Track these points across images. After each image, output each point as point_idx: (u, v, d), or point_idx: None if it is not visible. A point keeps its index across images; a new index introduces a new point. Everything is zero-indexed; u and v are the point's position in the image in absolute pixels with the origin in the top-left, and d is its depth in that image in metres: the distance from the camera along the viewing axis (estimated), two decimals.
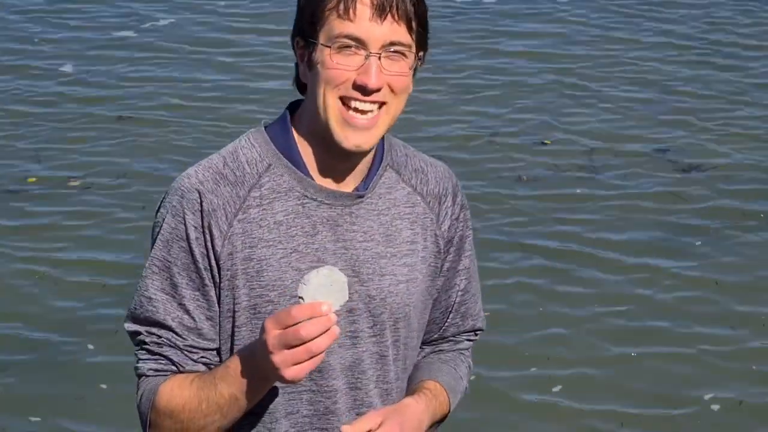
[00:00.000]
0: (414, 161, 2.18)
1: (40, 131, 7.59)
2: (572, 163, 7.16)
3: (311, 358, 1.83)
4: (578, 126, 7.66)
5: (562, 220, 6.31)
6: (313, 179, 2.06)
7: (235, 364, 1.98)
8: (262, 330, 1.86)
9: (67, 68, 8.43)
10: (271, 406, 2.10)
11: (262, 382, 1.97)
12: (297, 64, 2.04)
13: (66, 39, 8.98)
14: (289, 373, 1.84)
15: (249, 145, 2.07)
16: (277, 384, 2.01)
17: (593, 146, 7.31)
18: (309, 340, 1.81)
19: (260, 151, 2.06)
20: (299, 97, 2.10)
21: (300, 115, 2.06)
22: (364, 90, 1.94)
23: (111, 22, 9.51)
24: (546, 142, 7.39)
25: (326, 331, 1.82)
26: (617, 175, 6.99)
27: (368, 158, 2.06)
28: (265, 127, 2.10)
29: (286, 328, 1.82)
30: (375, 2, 1.92)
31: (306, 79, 2.00)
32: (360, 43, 1.91)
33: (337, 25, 1.92)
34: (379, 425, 1.99)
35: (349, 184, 2.07)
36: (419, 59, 1.97)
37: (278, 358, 1.83)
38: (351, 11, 1.91)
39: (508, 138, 7.30)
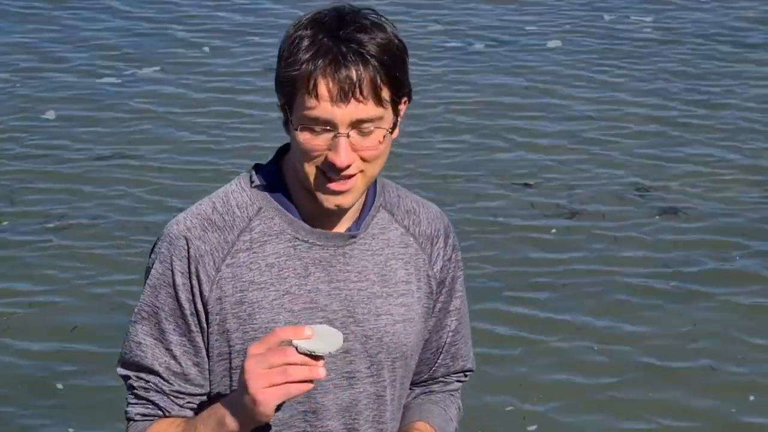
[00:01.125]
0: (406, 202, 2.20)
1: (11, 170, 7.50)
2: (552, 203, 7.15)
3: (286, 383, 1.83)
4: (559, 166, 7.68)
5: (540, 261, 6.33)
6: (304, 221, 2.08)
7: (217, 408, 2.00)
8: (246, 355, 1.90)
9: (50, 114, 8.39)
10: None
11: (242, 423, 1.97)
12: (284, 119, 2.08)
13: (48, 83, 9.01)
14: (260, 395, 1.84)
15: (239, 189, 2.09)
16: (272, 423, 2.02)
17: (574, 186, 7.27)
18: (289, 363, 1.81)
19: (250, 195, 2.08)
20: (285, 140, 2.11)
21: (290, 159, 2.09)
22: (334, 168, 1.95)
23: (92, 68, 9.54)
24: (529, 183, 7.32)
25: (309, 365, 1.83)
26: (598, 217, 6.98)
27: (361, 199, 2.08)
28: (256, 171, 2.12)
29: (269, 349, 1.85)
30: (335, 91, 1.92)
31: (289, 135, 2.06)
32: (327, 123, 1.92)
33: (303, 107, 1.94)
34: None
35: (341, 225, 2.09)
36: (396, 119, 1.99)
37: (253, 380, 1.83)
38: (314, 98, 1.92)
39: (490, 178, 7.31)
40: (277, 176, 2.10)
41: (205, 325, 2.05)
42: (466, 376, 2.34)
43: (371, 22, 1.96)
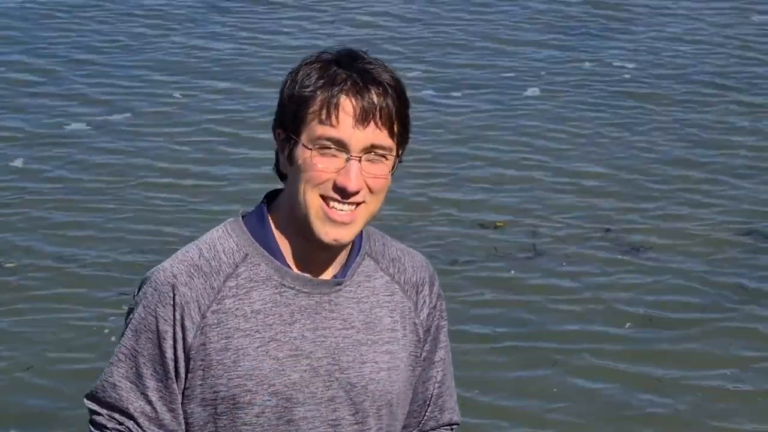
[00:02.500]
0: (391, 250, 2.21)
1: None
2: (516, 243, 7.20)
3: None
4: (523, 206, 7.72)
5: (503, 302, 6.32)
6: (291, 268, 2.09)
7: None
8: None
9: (18, 162, 8.31)
10: None
11: None
12: (277, 153, 2.08)
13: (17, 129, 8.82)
14: None
15: (226, 235, 2.10)
16: None
17: (537, 227, 7.36)
18: None
19: (237, 241, 2.09)
20: (269, 187, 2.18)
21: (278, 205, 2.10)
22: (343, 192, 1.97)
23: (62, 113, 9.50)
24: (499, 224, 7.25)
25: None
26: (561, 257, 7.05)
27: (347, 247, 2.10)
28: (242, 217, 2.14)
29: None
30: (358, 110, 1.94)
31: (286, 170, 2.04)
32: (341, 145, 1.94)
33: (318, 129, 1.95)
34: None
35: (327, 273, 2.10)
36: (399, 158, 2.02)
37: None
38: (333, 117, 1.94)
39: (455, 218, 7.35)
40: (264, 222, 2.11)
41: (183, 372, 2.06)
42: (452, 429, 2.32)
43: (379, 63, 2.03)
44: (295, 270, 2.10)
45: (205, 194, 7.62)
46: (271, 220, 2.13)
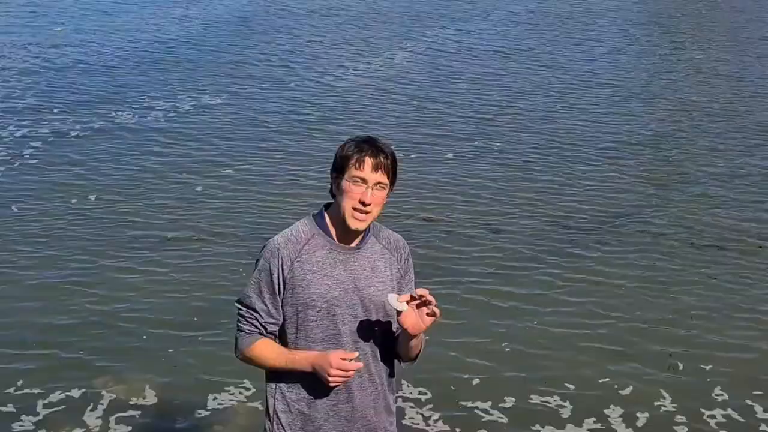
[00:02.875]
0: (384, 233, 3.05)
1: None
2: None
3: (341, 377, 2.84)
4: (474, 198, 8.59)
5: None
6: (335, 241, 2.93)
7: (308, 355, 2.91)
8: (327, 361, 2.83)
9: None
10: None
11: (306, 369, 2.91)
12: (331, 184, 2.94)
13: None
14: (331, 381, 2.85)
15: (304, 224, 2.98)
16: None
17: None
18: (347, 371, 2.82)
19: (309, 228, 2.96)
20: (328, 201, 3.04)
21: (330, 209, 2.96)
22: (363, 204, 2.80)
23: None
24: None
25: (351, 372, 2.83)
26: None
27: (363, 231, 2.93)
28: (313, 215, 2.99)
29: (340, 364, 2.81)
30: (373, 165, 2.81)
31: (335, 193, 2.91)
32: (364, 181, 2.79)
33: (354, 171, 2.81)
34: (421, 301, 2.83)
35: (353, 243, 2.94)
36: (391, 189, 2.90)
37: (333, 373, 2.82)
38: (362, 167, 2.81)
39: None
40: (323, 218, 2.96)
41: (282, 290, 2.90)
42: None
43: (384, 143, 2.92)
44: (337, 242, 2.89)
45: (301, 199, 8.50)
46: (326, 217, 2.93)
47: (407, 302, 2.81)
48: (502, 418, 5.38)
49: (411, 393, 5.49)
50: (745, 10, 20.17)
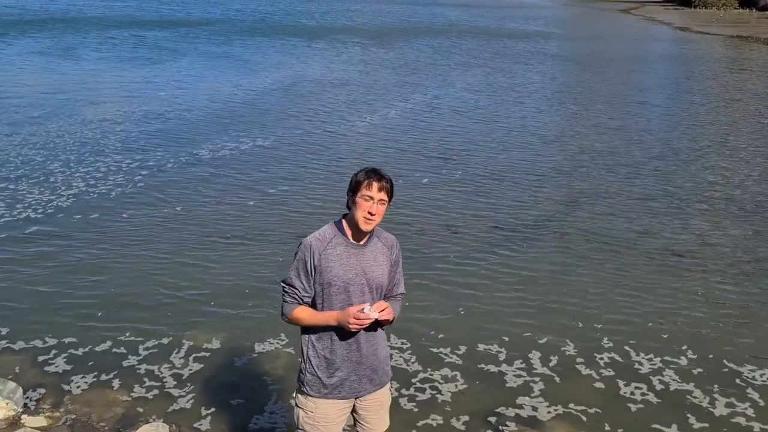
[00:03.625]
0: (383, 234, 3.04)
1: None
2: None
3: (360, 323, 2.84)
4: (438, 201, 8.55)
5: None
6: (350, 239, 2.93)
7: (330, 313, 2.91)
8: (348, 314, 2.81)
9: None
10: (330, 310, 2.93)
11: (332, 323, 2.91)
12: (348, 201, 2.95)
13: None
14: (351, 327, 2.84)
15: (329, 228, 2.97)
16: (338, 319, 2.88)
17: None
18: (362, 321, 2.83)
19: (332, 231, 2.96)
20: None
21: (347, 217, 2.97)
22: (370, 214, 2.84)
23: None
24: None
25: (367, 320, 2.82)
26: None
27: (369, 233, 2.93)
28: (335, 222, 2.98)
29: (357, 315, 2.82)
30: (378, 187, 2.83)
31: (350, 206, 2.92)
32: (371, 198, 2.82)
33: (364, 191, 2.84)
34: (384, 307, 2.88)
35: (362, 241, 2.95)
36: (390, 203, 2.89)
37: (352, 322, 2.82)
38: (370, 188, 2.84)
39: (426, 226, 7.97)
40: (341, 224, 2.96)
41: (313, 273, 2.91)
42: (401, 294, 3.10)
43: (385, 172, 2.93)
44: (352, 240, 2.91)
45: (323, 211, 8.38)
46: (344, 223, 2.95)
47: (379, 311, 2.85)
48: (457, 360, 5.37)
49: (395, 344, 5.45)
50: (628, 83, 20.51)
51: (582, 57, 26.15)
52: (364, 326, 2.80)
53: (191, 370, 5.05)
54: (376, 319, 2.81)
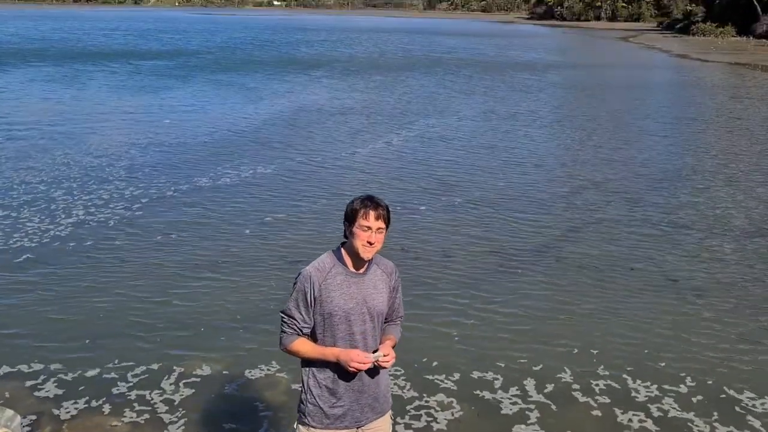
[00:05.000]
0: (383, 261, 2.91)
1: None
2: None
3: (360, 367, 2.74)
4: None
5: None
6: (349, 268, 2.80)
7: (333, 350, 2.79)
8: (349, 356, 2.71)
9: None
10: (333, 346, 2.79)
11: (332, 360, 2.79)
12: (345, 229, 2.82)
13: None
14: (351, 370, 2.75)
15: (327, 257, 2.84)
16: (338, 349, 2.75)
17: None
18: (364, 364, 2.74)
19: (331, 260, 2.83)
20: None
21: (345, 245, 2.84)
22: (369, 244, 2.73)
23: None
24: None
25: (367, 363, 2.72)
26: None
27: (368, 261, 2.81)
28: (333, 250, 2.84)
29: (359, 358, 2.72)
30: (375, 216, 2.71)
31: (349, 236, 2.79)
32: (369, 228, 2.70)
33: (362, 221, 2.71)
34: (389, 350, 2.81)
35: (362, 270, 2.84)
36: (387, 230, 2.78)
37: (353, 366, 2.72)
38: (367, 218, 2.71)
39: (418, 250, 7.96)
40: (340, 252, 2.83)
41: (313, 304, 2.78)
42: (401, 318, 3.02)
43: (381, 200, 2.81)
44: (351, 269, 2.78)
45: (323, 238, 8.37)
46: (342, 251, 2.82)
47: (383, 353, 2.82)
48: (452, 387, 5.27)
49: (390, 371, 5.25)
50: (628, 110, 20.45)
51: (582, 84, 26.10)
52: (364, 369, 2.76)
53: (182, 395, 4.98)
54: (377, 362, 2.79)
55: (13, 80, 22.92)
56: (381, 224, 2.73)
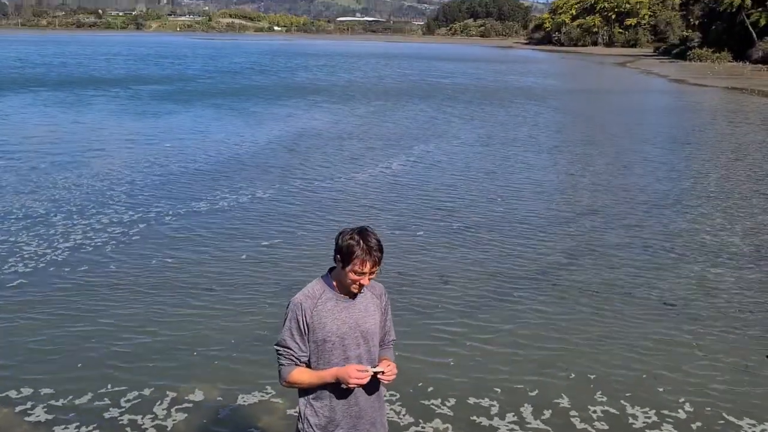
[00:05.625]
0: (372, 283, 2.94)
1: None
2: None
3: (359, 381, 2.78)
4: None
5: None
6: (339, 293, 2.88)
7: (328, 370, 2.83)
8: (346, 372, 2.74)
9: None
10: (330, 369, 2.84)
11: (331, 381, 2.82)
12: (335, 257, 2.83)
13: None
14: (350, 385, 2.79)
15: (317, 283, 2.90)
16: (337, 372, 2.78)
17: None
18: (362, 378, 2.77)
19: (321, 287, 2.89)
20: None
21: (334, 272, 2.89)
22: (362, 286, 2.84)
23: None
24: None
25: (365, 378, 2.77)
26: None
27: None
28: (322, 277, 2.91)
29: (358, 372, 2.77)
30: (371, 264, 2.76)
31: (339, 270, 2.81)
32: (363, 274, 2.78)
33: (357, 268, 2.76)
34: (389, 365, 2.86)
35: (352, 295, 2.91)
36: (378, 271, 2.82)
37: (351, 381, 2.76)
38: (364, 267, 2.76)
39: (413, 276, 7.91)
40: (329, 278, 2.90)
41: (307, 331, 2.83)
42: (393, 341, 3.07)
43: (373, 233, 2.82)
44: (341, 294, 2.86)
45: (314, 263, 8.33)
46: (330, 277, 2.89)
47: (383, 366, 2.85)
48: (448, 413, 5.22)
49: (386, 396, 5.24)
50: (626, 135, 20.59)
51: (580, 109, 26.31)
52: (362, 383, 2.77)
53: (175, 420, 4.94)
54: (375, 375, 2.80)
55: (14, 104, 23.25)
56: (375, 268, 2.77)
